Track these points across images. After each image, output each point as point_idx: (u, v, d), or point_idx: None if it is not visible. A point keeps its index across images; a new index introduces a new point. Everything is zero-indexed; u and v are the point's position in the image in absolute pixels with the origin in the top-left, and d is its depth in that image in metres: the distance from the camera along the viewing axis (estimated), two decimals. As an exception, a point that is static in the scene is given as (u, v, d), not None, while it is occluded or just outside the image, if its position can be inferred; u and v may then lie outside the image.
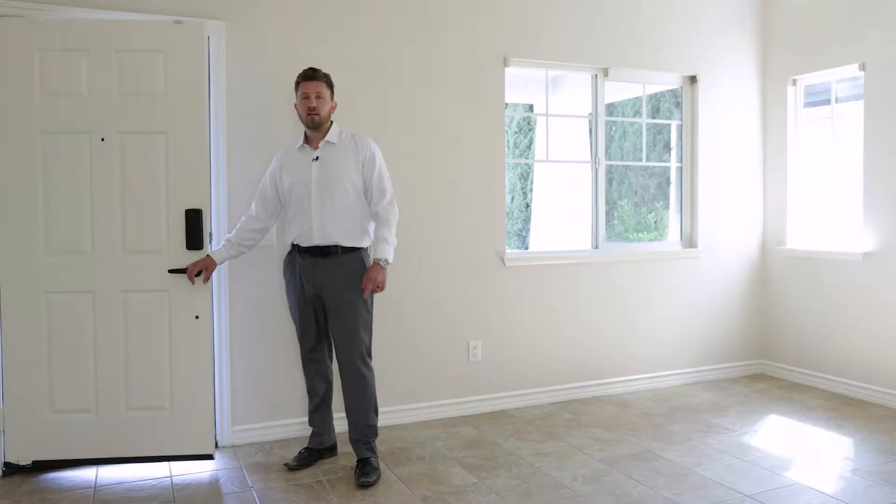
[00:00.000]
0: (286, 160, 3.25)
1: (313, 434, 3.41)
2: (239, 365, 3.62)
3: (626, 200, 8.10)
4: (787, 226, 4.84)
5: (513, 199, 10.32)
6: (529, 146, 9.75)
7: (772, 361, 4.98)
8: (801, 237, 4.81)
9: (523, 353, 4.25)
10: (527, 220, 9.14)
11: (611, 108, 7.18)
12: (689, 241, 4.81)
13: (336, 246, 3.13)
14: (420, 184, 3.95)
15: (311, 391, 3.39)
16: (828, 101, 4.67)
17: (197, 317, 3.42)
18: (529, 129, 9.69)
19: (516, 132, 10.07)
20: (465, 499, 2.96)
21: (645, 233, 7.40)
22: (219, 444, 3.59)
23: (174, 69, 3.36)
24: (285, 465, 3.31)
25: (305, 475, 3.22)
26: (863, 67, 4.31)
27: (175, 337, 3.38)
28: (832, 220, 4.67)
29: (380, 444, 3.60)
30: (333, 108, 3.23)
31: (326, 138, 3.18)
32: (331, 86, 3.20)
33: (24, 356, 3.24)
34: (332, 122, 3.23)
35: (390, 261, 3.15)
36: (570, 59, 4.34)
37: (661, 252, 4.69)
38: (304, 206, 3.15)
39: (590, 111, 4.58)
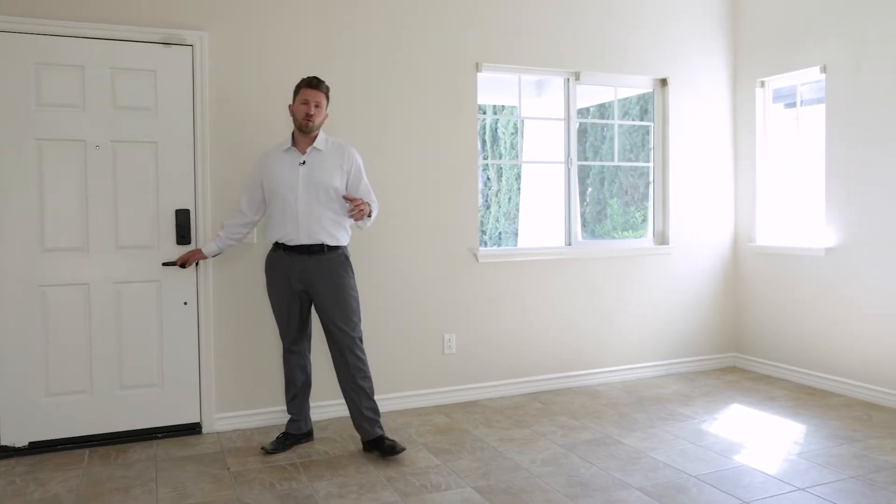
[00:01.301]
0: (271, 161, 3.41)
1: (291, 420, 3.62)
2: (222, 357, 3.83)
3: (615, 199, 8.28)
4: (756, 223, 5.01)
5: (510, 199, 10.53)
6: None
7: (744, 354, 5.14)
8: (769, 234, 4.98)
9: (497, 345, 4.44)
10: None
11: (602, 109, 7.37)
12: (662, 238, 4.99)
13: (322, 245, 3.34)
14: (395, 184, 4.15)
15: (290, 382, 3.59)
16: (807, 101, 4.83)
17: (185, 303, 3.74)
18: (516, 131, 9.87)
19: (513, 133, 10.27)
20: (427, 478, 3.16)
21: (631, 231, 7.57)
22: (203, 430, 3.80)
23: (164, 87, 3.67)
24: (262, 448, 3.51)
25: (281, 458, 3.43)
26: (824, 70, 4.47)
27: (165, 321, 3.72)
28: (799, 217, 4.83)
29: (352, 431, 3.80)
30: (326, 117, 3.43)
31: (315, 145, 3.38)
32: (328, 98, 3.42)
33: (21, 345, 3.49)
34: (321, 130, 3.45)
35: (372, 211, 3.41)
36: (541, 64, 4.53)
37: (633, 249, 4.87)
38: (291, 208, 3.33)
39: (562, 114, 4.76)
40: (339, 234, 3.41)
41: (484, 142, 10.53)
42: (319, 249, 3.35)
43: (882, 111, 4.13)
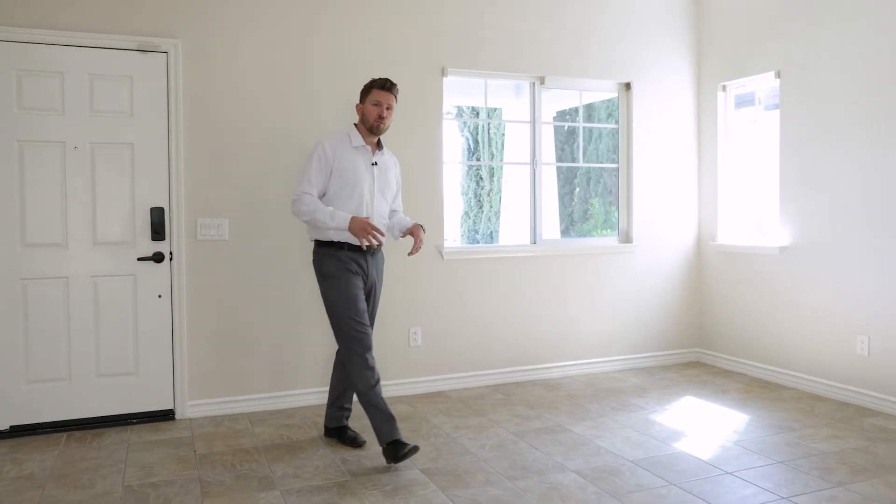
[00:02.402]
0: (340, 154, 3.36)
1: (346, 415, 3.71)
2: (195, 347, 4.04)
3: (597, 199, 8.45)
4: (717, 222, 5.18)
5: (500, 199, 10.71)
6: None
7: (707, 350, 5.31)
8: (730, 233, 5.15)
9: (462, 339, 4.63)
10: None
11: (589, 110, 7.55)
12: (626, 237, 5.17)
13: (379, 245, 3.41)
14: (362, 184, 4.34)
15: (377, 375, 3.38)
16: (764, 104, 5.00)
17: (160, 296, 3.96)
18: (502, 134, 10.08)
19: (503, 134, 10.45)
20: (379, 461, 3.35)
21: (610, 230, 7.74)
22: (176, 416, 4.02)
23: (140, 92, 3.89)
24: (360, 442, 3.56)
25: (246, 443, 3.64)
26: (778, 75, 4.64)
27: (140, 313, 3.94)
28: (757, 216, 5.00)
29: (317, 418, 4.02)
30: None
31: (383, 149, 3.50)
32: (397, 100, 3.46)
33: (2, 334, 3.71)
34: None
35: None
36: (506, 69, 4.72)
37: (598, 247, 5.05)
38: (367, 207, 3.39)
39: (528, 117, 4.95)
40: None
41: (476, 142, 10.72)
42: (378, 248, 3.46)
43: (831, 115, 4.30)
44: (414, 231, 3.50)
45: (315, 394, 4.27)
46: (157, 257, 3.95)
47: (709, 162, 5.24)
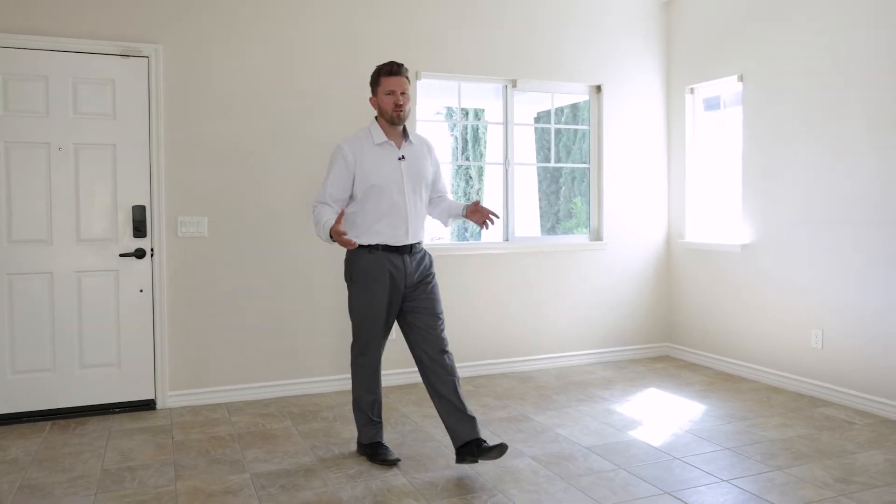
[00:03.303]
0: (362, 156, 3.14)
1: (380, 428, 3.42)
2: (176, 339, 4.21)
3: (579, 198, 8.62)
4: (685, 221, 5.35)
5: (465, 198, 10.89)
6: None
7: (676, 344, 5.48)
8: (697, 231, 5.32)
9: (435, 332, 4.80)
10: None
11: (574, 110, 7.72)
12: (596, 235, 5.34)
13: (419, 242, 3.24)
14: (337, 183, 4.51)
15: (377, 397, 3.35)
16: (728, 107, 5.16)
17: (141, 290, 4.13)
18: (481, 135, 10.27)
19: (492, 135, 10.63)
20: (347, 447, 3.53)
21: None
22: (157, 406, 4.19)
23: (122, 95, 4.06)
24: (394, 459, 3.30)
25: (222, 430, 3.81)
26: (741, 79, 4.81)
27: (122, 306, 4.11)
28: (723, 214, 5.17)
29: (293, 408, 4.19)
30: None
31: (409, 138, 3.24)
32: (409, 80, 3.19)
33: (-12, 328, 3.88)
34: None
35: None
36: (479, 72, 4.88)
37: (569, 244, 5.22)
38: (399, 207, 3.14)
39: (501, 119, 5.12)
40: (425, 229, 3.33)
41: (465, 142, 10.89)
42: (416, 248, 3.23)
43: (789, 119, 4.46)
44: (476, 205, 3.23)
45: (292, 385, 4.44)
46: (139, 253, 4.12)
47: (677, 162, 5.40)
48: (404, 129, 3.23)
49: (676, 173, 5.42)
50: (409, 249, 3.19)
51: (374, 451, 3.32)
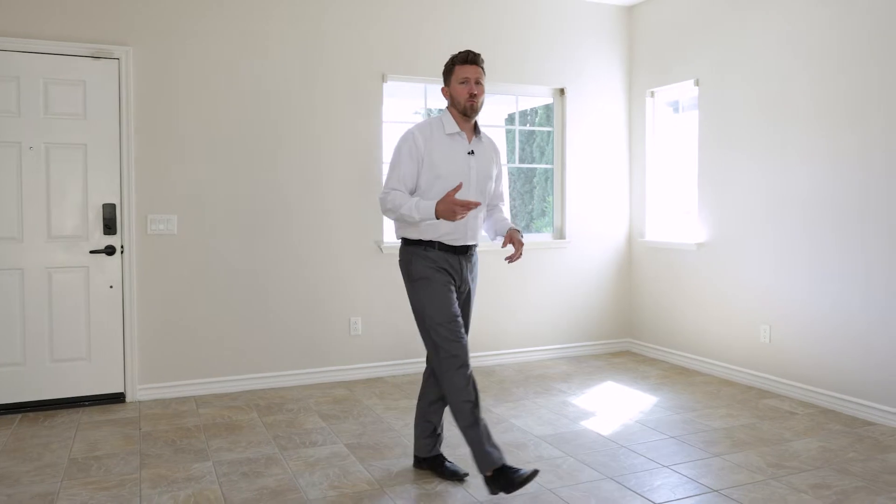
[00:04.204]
0: (432, 143, 2.92)
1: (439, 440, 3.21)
2: (145, 334, 4.33)
3: (551, 197, 8.81)
4: (646, 220, 5.53)
5: None
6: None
7: (636, 339, 5.66)
8: (657, 230, 5.50)
9: (400, 328, 4.94)
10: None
11: (547, 110, 7.88)
12: (560, 233, 5.50)
13: (476, 245, 3.06)
14: (307, 183, 4.64)
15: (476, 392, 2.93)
16: (686, 110, 5.34)
17: (111, 286, 4.23)
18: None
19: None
20: (308, 437, 3.66)
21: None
22: (126, 399, 4.30)
23: (93, 95, 4.16)
24: (461, 475, 3.09)
25: (189, 421, 3.93)
26: (697, 83, 4.99)
27: (93, 302, 4.21)
28: (681, 214, 5.35)
29: (259, 401, 4.32)
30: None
31: (479, 133, 3.04)
32: (485, 71, 2.98)
33: (-41, 322, 3.97)
34: None
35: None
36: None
37: (533, 243, 5.38)
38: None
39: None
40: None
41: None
42: (472, 249, 3.04)
43: (741, 122, 4.65)
44: (513, 238, 3.01)
45: (260, 378, 4.57)
46: (109, 250, 4.22)
47: (638, 164, 5.58)
48: (475, 125, 3.03)
49: (637, 174, 5.60)
50: (466, 251, 2.99)
51: (509, 478, 2.81)
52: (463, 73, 2.92)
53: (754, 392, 4.46)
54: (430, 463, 3.18)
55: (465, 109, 2.93)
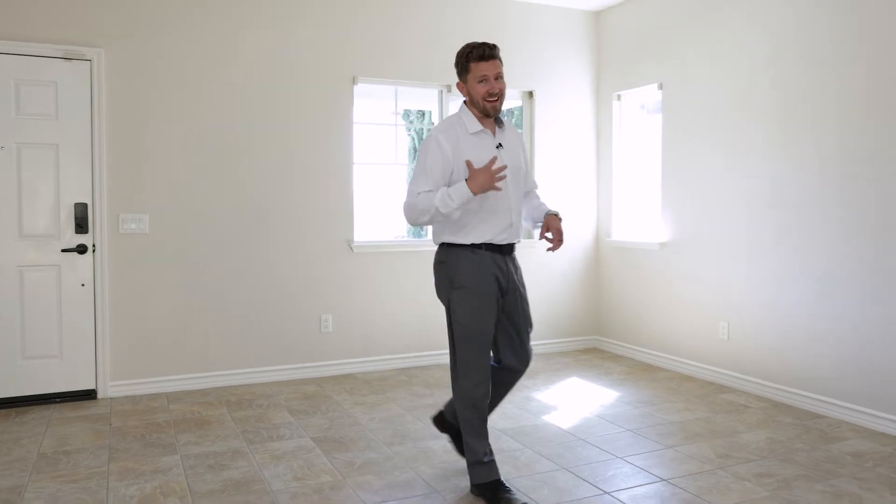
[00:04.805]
0: (460, 146, 2.77)
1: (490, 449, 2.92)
2: (117, 331, 4.39)
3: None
4: (612, 220, 5.66)
5: None
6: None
7: (603, 337, 5.79)
8: (623, 230, 5.63)
9: (371, 325, 5.04)
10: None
11: (521, 111, 8.02)
12: (529, 234, 5.62)
13: (518, 241, 2.94)
14: (279, 184, 4.73)
15: (487, 432, 2.88)
16: (652, 113, 5.48)
17: (83, 284, 4.29)
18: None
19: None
20: (276, 431, 3.75)
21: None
22: (98, 395, 4.36)
23: (65, 96, 4.22)
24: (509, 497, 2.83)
25: (159, 417, 4.00)
26: (661, 87, 5.13)
27: (64, 300, 4.27)
28: (646, 215, 5.48)
29: (230, 397, 4.40)
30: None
31: (504, 125, 2.91)
32: (502, 61, 2.83)
33: (-70, 320, 4.02)
34: None
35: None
36: (415, 78, 5.13)
37: (502, 242, 5.48)
38: (503, 199, 2.79)
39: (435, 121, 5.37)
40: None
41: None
42: (514, 247, 2.92)
43: (702, 125, 4.79)
44: (550, 225, 2.86)
45: (231, 375, 4.65)
46: (81, 249, 4.28)
47: (605, 165, 5.71)
48: (498, 117, 2.90)
49: (605, 176, 5.73)
50: (510, 249, 2.87)
51: (493, 492, 2.82)
52: (480, 71, 2.76)
53: (713, 387, 4.60)
54: (490, 490, 2.85)
55: (485, 110, 2.79)
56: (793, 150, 4.15)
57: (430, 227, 5.25)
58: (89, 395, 4.35)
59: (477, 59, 2.76)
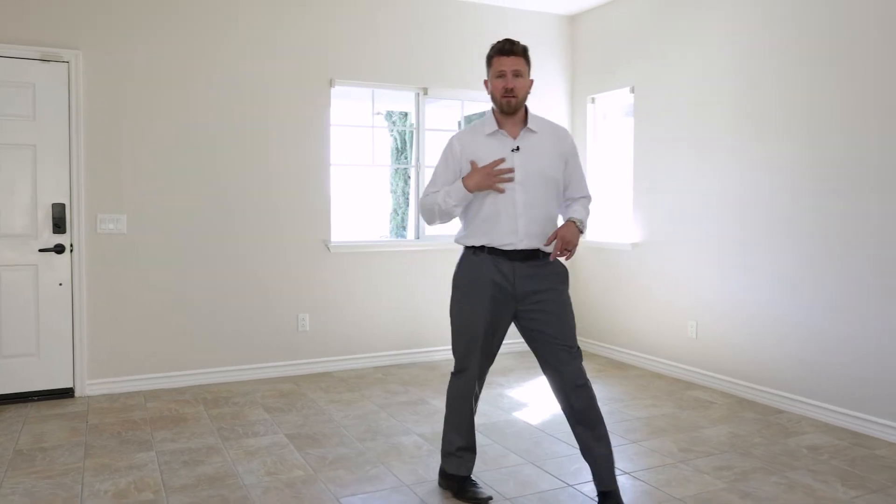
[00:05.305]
0: (474, 147, 2.78)
1: (468, 461, 2.96)
2: (94, 330, 4.44)
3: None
4: (587, 220, 5.75)
5: (405, 198, 11.29)
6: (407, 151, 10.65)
7: (581, 336, 5.90)
8: (597, 230, 5.74)
9: (348, 325, 5.11)
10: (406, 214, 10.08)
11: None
12: (504, 234, 5.71)
13: (538, 250, 2.76)
14: (256, 185, 4.79)
15: (457, 413, 2.92)
16: (625, 116, 5.59)
17: (60, 284, 4.33)
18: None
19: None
20: (251, 428, 3.82)
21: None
22: (76, 394, 4.41)
23: (42, 97, 4.27)
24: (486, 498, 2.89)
25: (135, 414, 4.05)
26: (633, 90, 5.24)
27: (42, 299, 4.31)
28: (619, 215, 5.59)
29: (207, 395, 4.46)
30: (530, 86, 2.82)
31: (528, 126, 2.79)
32: (529, 62, 2.78)
33: None
34: (526, 106, 2.84)
35: (585, 225, 2.75)
36: (392, 80, 5.21)
37: (478, 242, 5.58)
38: (507, 205, 2.73)
39: (412, 123, 5.46)
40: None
41: (404, 143, 11.24)
42: (534, 255, 2.74)
43: (673, 128, 4.90)
44: (559, 231, 2.65)
45: (208, 373, 4.70)
46: (59, 249, 4.33)
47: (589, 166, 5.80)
48: (526, 116, 2.81)
49: (579, 177, 5.82)
50: (521, 255, 2.74)
51: (460, 485, 2.91)
52: (499, 66, 2.73)
53: (682, 384, 4.71)
54: (457, 483, 2.93)
55: (501, 106, 2.75)
56: (762, 153, 4.27)
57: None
58: (67, 393, 4.39)
59: (497, 53, 2.75)
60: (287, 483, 3.08)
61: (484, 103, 5.73)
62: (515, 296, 2.75)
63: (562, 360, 2.71)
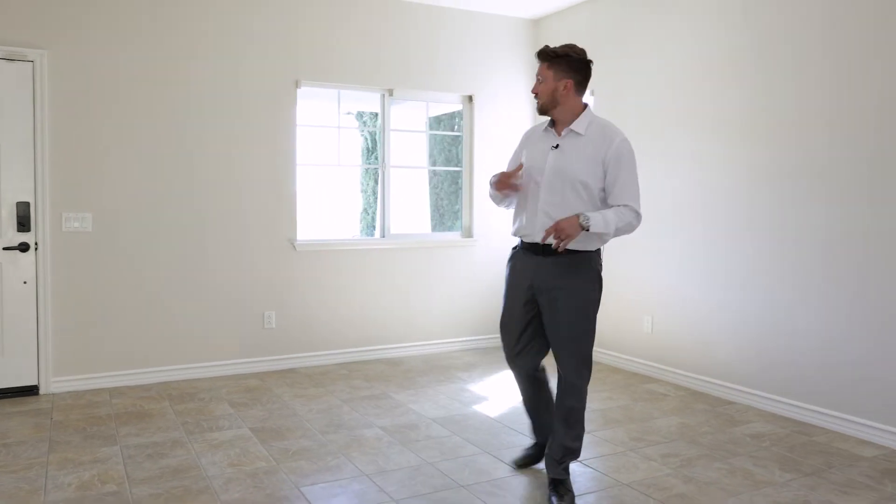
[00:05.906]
0: (532, 139, 3.01)
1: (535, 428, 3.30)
2: (59, 328, 4.47)
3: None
4: (548, 220, 5.91)
5: (375, 197, 11.34)
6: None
7: (541, 332, 6.03)
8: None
9: (313, 322, 5.20)
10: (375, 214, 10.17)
11: (456, 116, 8.23)
12: (468, 232, 5.84)
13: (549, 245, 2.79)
14: (223, 184, 4.85)
15: (520, 391, 3.37)
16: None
17: (25, 282, 4.35)
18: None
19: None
20: (216, 423, 3.89)
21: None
22: (41, 391, 4.43)
23: (6, 97, 4.30)
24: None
25: (101, 410, 4.10)
26: (593, 93, 5.39)
27: (6, 297, 4.32)
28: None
29: (173, 391, 4.51)
30: (568, 88, 2.83)
31: (572, 127, 2.84)
32: (560, 66, 2.83)
33: None
34: (586, 106, 2.91)
35: (590, 225, 2.65)
36: (358, 82, 5.30)
37: (443, 241, 5.70)
38: (533, 197, 2.87)
39: (378, 124, 5.55)
40: (582, 237, 2.70)
41: (374, 142, 11.30)
42: (551, 251, 2.79)
43: (633, 127, 5.02)
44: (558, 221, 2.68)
45: (174, 370, 4.76)
46: (23, 247, 4.35)
47: (542, 167, 5.96)
48: (575, 117, 2.86)
49: (541, 177, 5.97)
50: (542, 250, 2.83)
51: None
52: (538, 70, 2.93)
53: (638, 378, 4.87)
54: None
55: (537, 108, 2.95)
56: (720, 155, 4.44)
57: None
58: (31, 390, 4.42)
59: (538, 57, 2.95)
60: (249, 474, 3.16)
61: (448, 104, 5.85)
62: (533, 286, 2.91)
63: (560, 362, 3.01)
